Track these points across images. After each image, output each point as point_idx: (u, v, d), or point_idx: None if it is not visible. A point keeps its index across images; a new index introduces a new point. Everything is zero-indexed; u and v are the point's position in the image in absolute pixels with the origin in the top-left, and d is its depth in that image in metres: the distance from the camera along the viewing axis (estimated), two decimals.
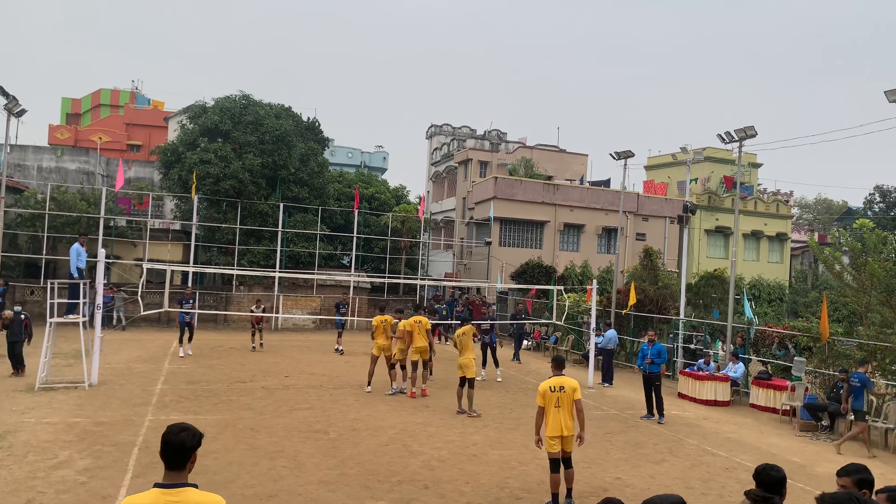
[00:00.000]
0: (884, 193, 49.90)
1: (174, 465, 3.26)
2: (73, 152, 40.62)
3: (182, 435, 3.28)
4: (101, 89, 59.19)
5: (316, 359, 20.71)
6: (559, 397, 8.27)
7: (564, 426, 8.20)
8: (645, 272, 27.44)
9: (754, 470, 4.40)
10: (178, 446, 3.26)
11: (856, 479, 4.46)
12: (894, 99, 14.08)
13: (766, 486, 4.18)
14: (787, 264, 46.19)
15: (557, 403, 8.25)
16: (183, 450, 3.26)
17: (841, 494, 3.80)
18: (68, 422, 11.24)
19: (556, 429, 8.18)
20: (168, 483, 3.22)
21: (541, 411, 8.32)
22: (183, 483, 3.24)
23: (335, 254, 35.92)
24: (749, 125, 18.20)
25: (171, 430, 3.31)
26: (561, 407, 8.24)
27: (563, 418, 8.22)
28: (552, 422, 8.21)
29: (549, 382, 8.37)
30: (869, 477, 4.52)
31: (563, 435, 8.20)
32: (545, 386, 8.34)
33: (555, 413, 8.22)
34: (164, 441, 3.28)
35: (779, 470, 4.31)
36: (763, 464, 4.50)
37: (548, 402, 8.27)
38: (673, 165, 47.97)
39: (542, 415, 8.30)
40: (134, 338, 23.87)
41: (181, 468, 3.27)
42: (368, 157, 67.50)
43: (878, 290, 21.71)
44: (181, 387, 14.89)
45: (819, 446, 12.86)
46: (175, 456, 3.26)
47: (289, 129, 32.27)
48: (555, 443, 8.20)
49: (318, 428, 11.67)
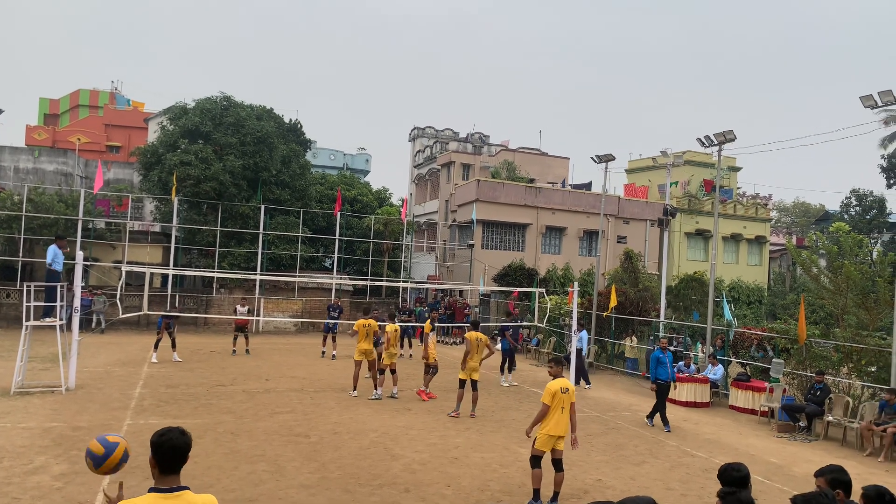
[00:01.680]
0: (860, 197, 50.63)
1: (172, 469, 3.23)
2: (51, 153, 40.13)
3: (185, 438, 3.29)
4: (79, 90, 58.49)
5: (297, 362, 20.60)
6: (565, 399, 8.38)
7: (564, 428, 8.35)
8: (626, 274, 27.63)
9: (718, 470, 4.49)
10: (184, 449, 3.26)
11: (829, 479, 4.54)
12: (869, 104, 14.30)
13: (730, 485, 4.27)
14: (765, 267, 46.73)
15: (563, 405, 8.35)
16: (186, 452, 3.27)
17: (812, 494, 3.87)
18: (44, 426, 11.08)
19: (556, 429, 8.29)
20: (165, 487, 3.18)
21: (545, 410, 8.33)
22: (179, 486, 3.22)
23: (317, 256, 35.75)
24: (728, 129, 18.41)
25: (172, 433, 3.28)
26: (564, 409, 8.37)
27: (565, 420, 8.36)
28: (555, 422, 8.29)
29: (558, 384, 8.43)
30: (844, 477, 4.60)
31: (561, 436, 8.35)
32: (556, 387, 8.37)
33: (559, 414, 8.32)
34: (169, 445, 3.22)
35: (740, 469, 4.41)
36: (726, 464, 4.60)
37: (556, 403, 8.32)
38: (653, 169, 48.44)
39: (545, 414, 8.33)
40: (113, 341, 23.61)
41: (177, 472, 3.25)
42: (351, 160, 67.29)
43: (854, 293, 22.06)
44: (160, 390, 14.75)
45: (796, 447, 13.01)
46: (175, 460, 3.24)
47: (270, 131, 32.10)
48: (549, 441, 8.31)
49: (299, 432, 11.61)
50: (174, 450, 3.22)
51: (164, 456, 3.22)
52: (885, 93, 13.97)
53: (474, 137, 55.02)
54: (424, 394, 15.46)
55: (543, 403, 8.37)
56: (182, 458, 3.25)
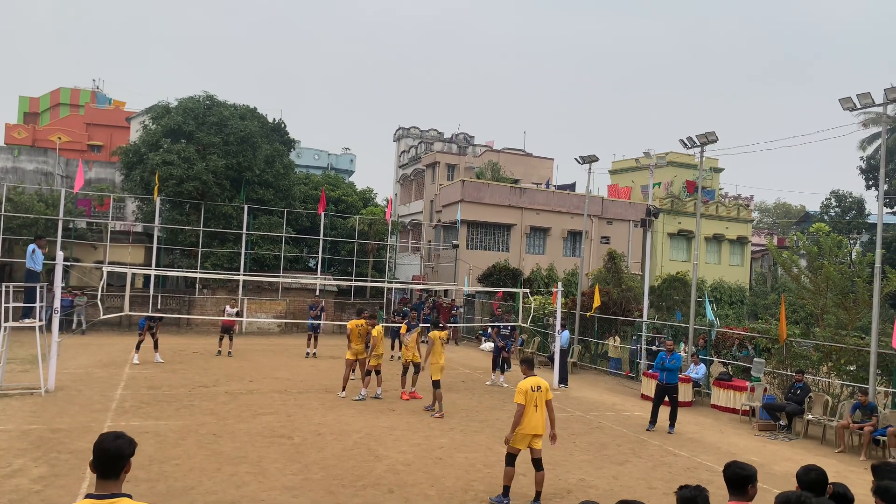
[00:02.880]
0: (839, 198, 51.24)
1: (108, 475, 3.14)
2: (31, 152, 39.64)
3: (118, 442, 3.17)
4: (60, 88, 57.82)
5: (281, 363, 20.50)
6: (537, 397, 8.40)
7: (540, 426, 8.36)
8: (609, 275, 27.80)
9: (724, 466, 4.51)
10: (115, 454, 3.14)
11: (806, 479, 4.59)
12: (848, 107, 14.48)
13: (733, 483, 4.29)
14: (747, 267, 47.17)
15: (536, 403, 8.37)
16: (120, 457, 3.16)
17: (791, 494, 3.92)
18: (23, 429, 10.95)
19: (531, 427, 8.31)
20: (101, 493, 3.09)
21: (521, 410, 8.32)
22: (117, 493, 3.12)
23: (301, 256, 35.60)
24: (711, 131, 18.56)
25: (107, 437, 3.20)
26: (538, 407, 8.39)
27: (539, 418, 8.38)
28: (529, 421, 8.31)
29: (529, 382, 8.45)
30: (819, 477, 4.64)
31: (537, 434, 8.35)
32: (526, 385, 8.38)
33: (533, 412, 8.33)
34: (99, 449, 3.14)
35: (744, 468, 4.40)
36: (732, 461, 4.58)
37: (528, 401, 8.33)
38: (637, 170, 48.62)
39: (522, 413, 8.33)
40: (94, 342, 23.36)
41: (115, 477, 3.15)
42: (335, 160, 67.05)
43: (834, 293, 22.36)
44: (142, 392, 14.62)
45: (777, 445, 13.15)
46: (110, 465, 3.14)
47: (254, 131, 31.92)
48: (525, 440, 8.33)
49: (282, 433, 11.56)
50: (104, 454, 3.13)
51: (98, 462, 3.14)
52: (864, 95, 14.15)
53: (459, 138, 55.04)
54: (407, 394, 15.47)
55: (517, 403, 8.37)
56: (116, 464, 3.15)
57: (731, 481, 4.31)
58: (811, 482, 4.56)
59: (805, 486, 4.55)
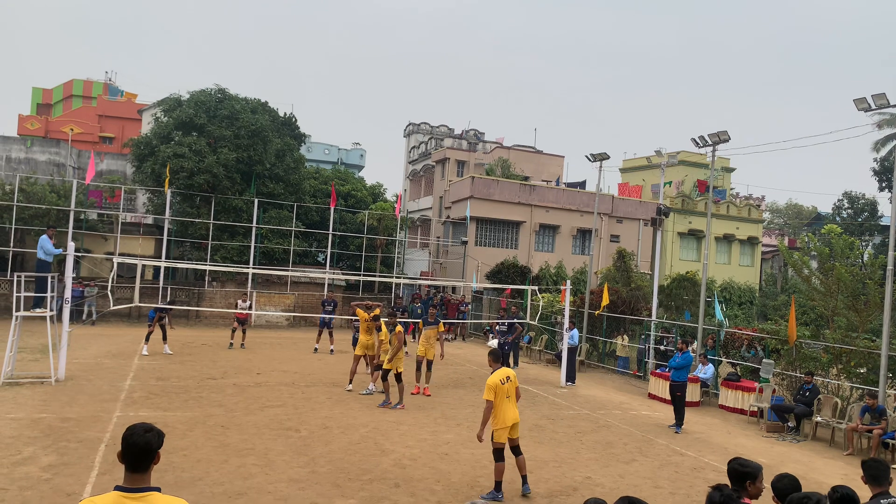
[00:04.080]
0: (852, 200, 50.84)
1: (137, 468, 3.08)
2: (44, 143, 39.88)
3: (148, 436, 3.11)
4: (73, 80, 58.15)
5: (289, 356, 20.57)
6: (508, 388, 8.52)
7: (515, 414, 8.55)
8: (618, 273, 27.69)
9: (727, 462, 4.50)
10: (144, 447, 3.08)
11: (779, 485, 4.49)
12: (863, 107, 14.34)
13: (732, 479, 4.29)
14: (757, 268, 46.93)
15: (507, 394, 8.50)
16: (149, 451, 3.10)
17: (807, 495, 3.89)
18: (33, 417, 11.04)
19: (510, 418, 8.46)
20: (130, 487, 3.04)
21: (490, 406, 8.41)
22: (147, 487, 3.06)
23: (310, 251, 35.67)
24: (723, 130, 18.44)
25: (136, 430, 3.14)
26: (510, 397, 8.53)
27: (513, 408, 8.54)
28: (504, 413, 8.43)
29: (498, 375, 8.54)
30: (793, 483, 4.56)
31: (515, 423, 8.55)
32: (495, 379, 8.47)
33: (506, 404, 8.46)
34: (128, 443, 3.09)
35: (745, 464, 4.38)
36: (735, 457, 4.58)
37: (499, 394, 8.43)
38: (647, 168, 48.57)
39: (492, 409, 8.42)
40: (104, 333, 23.52)
41: (144, 471, 3.10)
42: (345, 154, 67.15)
43: (845, 295, 22.17)
44: (151, 383, 14.71)
45: (785, 447, 13.08)
46: (139, 458, 3.08)
47: (265, 124, 31.98)
48: (506, 433, 8.47)
49: (289, 426, 11.60)
50: (134, 448, 3.08)
51: (127, 454, 3.09)
52: (879, 96, 14.01)
53: (469, 134, 54.93)
54: (420, 390, 15.51)
55: (487, 400, 8.41)
56: (146, 457, 3.10)
57: (730, 476, 4.33)
58: (783, 488, 4.47)
59: (778, 493, 4.45)
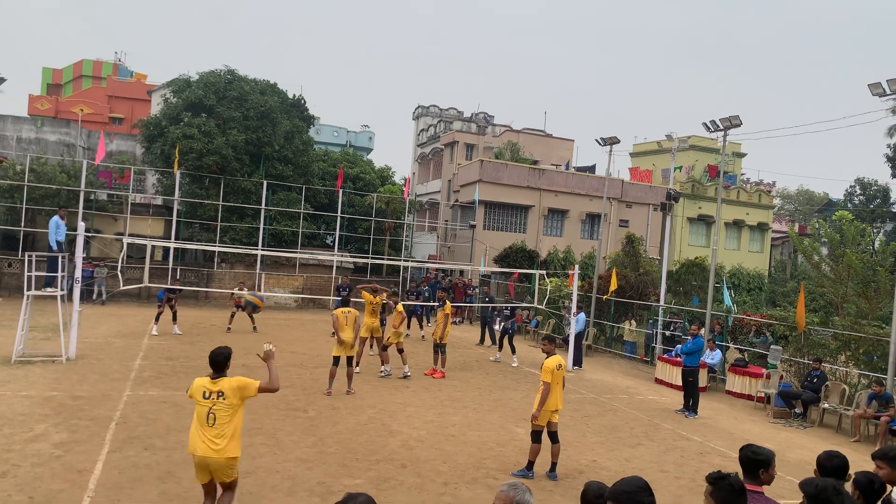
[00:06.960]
0: (864, 186, 50.34)
1: (218, 370, 6.09)
2: (54, 123, 39.93)
3: (223, 351, 6.15)
4: (83, 60, 58.06)
5: (297, 337, 20.68)
6: (560, 375, 8.84)
7: (560, 401, 8.84)
8: (627, 258, 27.63)
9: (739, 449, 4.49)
10: (221, 358, 6.12)
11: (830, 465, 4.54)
12: (878, 92, 14.18)
13: (745, 467, 4.28)
14: (767, 254, 46.67)
15: (558, 381, 8.79)
16: (225, 359, 6.11)
17: (820, 481, 3.89)
18: (45, 395, 11.16)
19: (554, 404, 8.70)
20: (214, 376, 6.05)
21: (548, 388, 8.59)
22: (221, 375, 6.08)
23: (318, 233, 35.72)
24: (734, 115, 18.28)
25: (215, 350, 6.16)
26: (559, 384, 8.81)
27: (560, 395, 8.85)
28: (554, 397, 8.69)
29: (554, 360, 8.82)
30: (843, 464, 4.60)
31: (557, 409, 8.78)
32: (553, 364, 8.74)
33: (556, 389, 8.72)
34: (211, 357, 6.12)
35: (759, 452, 4.37)
36: (747, 444, 4.56)
37: (555, 379, 8.67)
38: (658, 153, 48.21)
39: (549, 391, 8.60)
40: (113, 312, 23.69)
41: (222, 372, 6.10)
42: (354, 137, 66.95)
43: (855, 282, 22.07)
44: (160, 363, 14.83)
45: (791, 433, 13.09)
46: (218, 364, 6.08)
47: (274, 106, 31.90)
48: (548, 416, 8.67)
49: (297, 406, 11.69)
50: (215, 357, 6.14)
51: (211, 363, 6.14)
52: (894, 80, 13.85)
53: (479, 117, 54.67)
54: (437, 371, 15.60)
55: (544, 382, 8.61)
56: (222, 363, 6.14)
57: (743, 464, 4.30)
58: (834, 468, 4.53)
59: (827, 472, 4.51)
